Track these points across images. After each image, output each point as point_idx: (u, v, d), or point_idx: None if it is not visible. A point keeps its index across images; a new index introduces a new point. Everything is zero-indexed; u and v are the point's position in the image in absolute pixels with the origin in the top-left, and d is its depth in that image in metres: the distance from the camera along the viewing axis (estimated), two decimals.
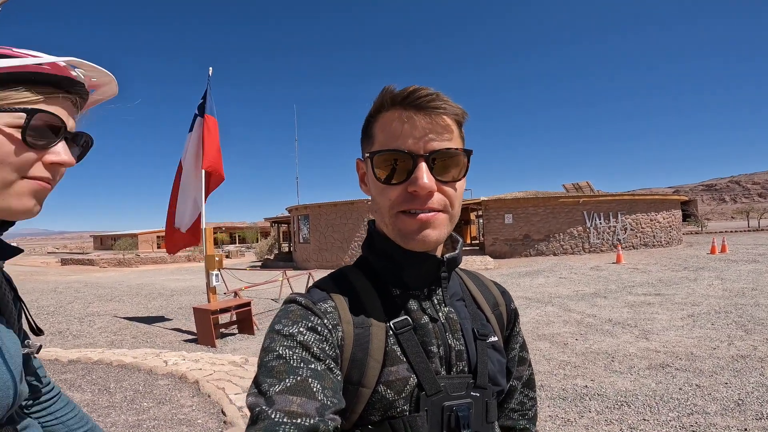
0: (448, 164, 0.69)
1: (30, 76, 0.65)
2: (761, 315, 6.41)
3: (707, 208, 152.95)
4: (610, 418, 3.46)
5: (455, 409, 0.67)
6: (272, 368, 0.60)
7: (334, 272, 0.79)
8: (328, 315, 0.69)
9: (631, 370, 4.52)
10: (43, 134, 0.65)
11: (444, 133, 0.68)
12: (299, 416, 0.54)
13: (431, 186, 0.66)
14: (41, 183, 0.66)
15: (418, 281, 0.74)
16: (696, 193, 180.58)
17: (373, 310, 0.71)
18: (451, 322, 0.74)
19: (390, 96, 0.69)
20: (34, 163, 0.65)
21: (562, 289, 9.83)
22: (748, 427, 3.18)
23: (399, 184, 0.68)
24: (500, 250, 19.04)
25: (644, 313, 7.07)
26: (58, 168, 0.68)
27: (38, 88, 0.65)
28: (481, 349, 0.75)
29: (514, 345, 0.88)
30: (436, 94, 0.68)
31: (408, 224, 0.68)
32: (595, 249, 18.83)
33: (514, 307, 0.90)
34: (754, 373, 4.21)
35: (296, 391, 0.57)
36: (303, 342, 0.63)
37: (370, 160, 0.70)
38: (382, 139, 0.70)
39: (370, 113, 0.74)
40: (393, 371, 0.67)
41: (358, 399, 0.66)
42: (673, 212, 21.27)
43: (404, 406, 0.66)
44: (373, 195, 0.74)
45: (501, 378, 0.77)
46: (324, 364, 0.63)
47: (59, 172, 0.70)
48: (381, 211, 0.71)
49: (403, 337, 0.70)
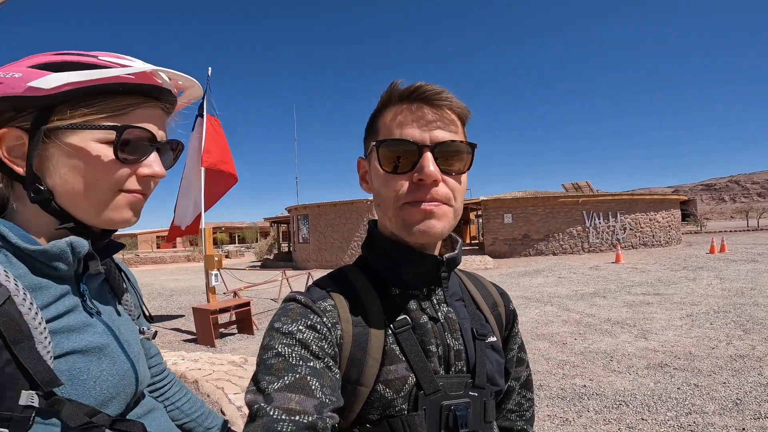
0: (453, 156, 0.69)
1: (117, 87, 0.65)
2: (760, 314, 6.42)
3: (706, 207, 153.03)
4: (608, 418, 3.47)
5: (453, 409, 0.67)
6: (271, 366, 0.61)
7: (334, 271, 0.80)
8: (327, 313, 0.69)
9: (629, 369, 4.53)
10: (135, 149, 0.67)
11: (450, 125, 0.70)
12: (297, 413, 0.55)
13: (436, 174, 0.66)
14: (136, 195, 0.69)
15: (417, 280, 0.74)
16: (695, 192, 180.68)
17: (373, 309, 0.72)
18: (450, 322, 0.75)
19: (397, 92, 0.71)
20: (129, 177, 0.67)
21: (561, 289, 9.84)
22: (746, 427, 3.19)
23: (404, 173, 0.69)
24: (500, 250, 19.05)
25: (643, 312, 7.08)
26: (151, 179, 0.71)
27: (126, 100, 0.66)
28: (480, 349, 0.75)
29: (513, 346, 0.88)
30: (442, 89, 0.70)
31: (413, 215, 0.68)
32: (595, 249, 18.85)
33: (512, 308, 0.90)
34: (753, 372, 4.22)
35: (295, 389, 0.57)
36: (302, 340, 0.64)
37: (376, 150, 0.71)
38: (388, 131, 0.71)
39: (377, 108, 0.75)
40: (392, 370, 0.68)
41: (356, 398, 0.67)
42: (672, 212, 21.29)
43: (403, 405, 0.67)
44: (376, 188, 0.74)
45: (499, 378, 0.78)
46: (323, 362, 0.63)
47: (153, 183, 0.72)
48: (385, 203, 0.71)
49: (402, 336, 0.70)
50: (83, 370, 0.65)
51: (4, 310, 0.57)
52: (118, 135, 0.64)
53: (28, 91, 0.62)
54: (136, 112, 0.67)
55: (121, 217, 0.68)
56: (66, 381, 0.62)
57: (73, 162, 0.64)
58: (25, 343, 0.58)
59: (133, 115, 0.67)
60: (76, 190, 0.65)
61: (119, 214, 0.68)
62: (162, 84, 0.69)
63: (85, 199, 0.66)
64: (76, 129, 0.64)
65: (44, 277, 0.65)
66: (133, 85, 0.66)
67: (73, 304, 0.67)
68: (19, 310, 0.58)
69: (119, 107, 0.66)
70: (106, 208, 0.67)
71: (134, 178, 0.68)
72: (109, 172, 0.65)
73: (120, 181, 0.67)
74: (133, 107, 0.67)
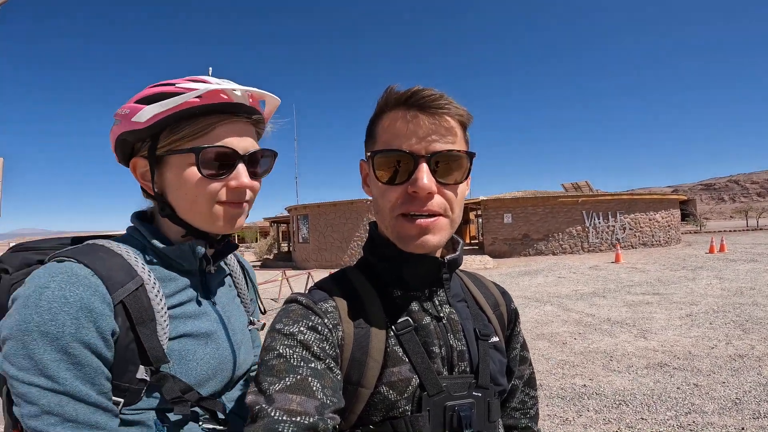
0: (450, 166, 0.68)
1: (193, 111, 0.73)
2: (759, 314, 6.42)
3: (706, 207, 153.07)
4: (608, 417, 3.47)
5: (457, 409, 0.67)
6: (272, 367, 0.61)
7: (336, 273, 0.80)
8: (328, 315, 0.69)
9: (629, 369, 4.53)
10: (217, 165, 0.75)
11: (447, 135, 0.67)
12: (299, 414, 0.55)
13: (431, 187, 0.65)
14: (232, 205, 0.77)
15: (418, 282, 0.74)
16: (695, 192, 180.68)
17: (374, 310, 0.72)
18: (452, 323, 0.75)
19: (394, 96, 0.69)
20: (220, 189, 0.76)
21: (561, 289, 9.84)
22: (746, 426, 3.19)
23: (400, 184, 0.68)
24: (499, 250, 19.05)
25: (643, 312, 7.08)
26: (242, 189, 0.77)
27: (204, 121, 0.74)
28: (482, 350, 0.75)
29: (515, 345, 0.88)
30: (440, 94, 0.67)
31: (407, 229, 0.67)
32: (594, 248, 18.86)
33: (514, 308, 0.90)
34: (752, 372, 4.23)
35: (296, 390, 0.58)
36: (303, 341, 0.64)
37: (372, 160, 0.70)
38: (384, 139, 0.70)
39: (374, 113, 0.74)
40: (395, 372, 0.67)
41: (357, 399, 0.67)
42: (671, 212, 21.30)
43: (406, 406, 0.67)
44: (374, 196, 0.74)
45: (502, 378, 0.78)
46: (324, 363, 0.63)
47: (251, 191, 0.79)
48: (382, 213, 0.71)
49: (405, 337, 0.70)
50: (191, 351, 0.76)
51: (136, 295, 0.70)
52: (196, 156, 0.74)
53: (133, 126, 0.74)
54: (216, 131, 0.75)
55: (222, 224, 0.78)
56: (175, 360, 0.73)
57: (178, 182, 0.76)
58: (148, 324, 0.70)
59: (213, 133, 0.74)
60: (186, 205, 0.77)
61: (220, 222, 0.77)
62: (233, 99, 0.75)
63: (193, 212, 0.77)
64: (171, 154, 0.75)
65: (174, 271, 0.79)
66: (204, 107, 0.73)
67: (194, 295, 0.81)
68: (148, 296, 0.71)
69: (199, 129, 0.74)
70: (209, 218, 0.77)
71: (225, 190, 0.76)
72: (202, 188, 0.75)
73: (213, 194, 0.75)
74: (212, 126, 0.74)
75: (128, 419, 0.70)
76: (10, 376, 0.62)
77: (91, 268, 0.68)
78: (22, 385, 0.62)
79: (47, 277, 0.66)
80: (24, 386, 0.62)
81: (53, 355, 0.62)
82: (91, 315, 0.65)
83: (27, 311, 0.63)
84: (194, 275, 0.83)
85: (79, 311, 0.64)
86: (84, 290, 0.65)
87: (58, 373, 0.62)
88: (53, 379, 0.62)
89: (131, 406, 0.71)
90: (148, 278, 0.72)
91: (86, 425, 0.63)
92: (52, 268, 0.67)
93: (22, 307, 0.64)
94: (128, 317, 0.69)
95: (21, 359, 0.62)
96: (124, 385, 0.69)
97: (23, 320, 0.63)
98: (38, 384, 0.62)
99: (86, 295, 0.65)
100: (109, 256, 0.72)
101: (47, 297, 0.64)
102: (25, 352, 0.62)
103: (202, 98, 0.73)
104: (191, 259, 0.79)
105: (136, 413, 0.71)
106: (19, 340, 0.62)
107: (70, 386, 0.63)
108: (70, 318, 0.64)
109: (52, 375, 0.62)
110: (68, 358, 0.63)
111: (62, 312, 0.63)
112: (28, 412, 0.61)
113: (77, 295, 0.65)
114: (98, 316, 0.66)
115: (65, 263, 0.68)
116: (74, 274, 0.66)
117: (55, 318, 0.63)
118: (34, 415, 0.61)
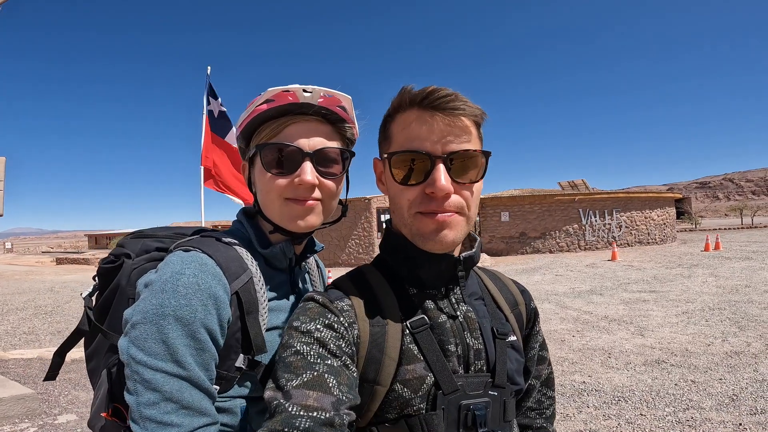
0: (467, 165, 0.69)
1: (267, 114, 0.78)
2: (754, 311, 6.48)
3: (701, 205, 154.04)
4: (608, 413, 3.50)
5: (472, 408, 0.67)
6: (290, 363, 0.62)
7: (352, 271, 0.81)
8: (344, 313, 0.70)
9: (627, 366, 4.57)
10: (285, 163, 0.78)
11: (462, 135, 0.68)
12: (315, 410, 0.56)
13: (448, 188, 0.66)
14: (299, 201, 0.79)
15: (434, 280, 0.75)
16: (690, 190, 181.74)
17: (390, 309, 0.72)
18: (469, 321, 0.75)
19: (409, 96, 0.69)
20: (288, 186, 0.78)
21: (558, 287, 9.89)
22: (743, 422, 3.23)
23: (417, 185, 0.68)
24: (497, 248, 19.10)
25: (639, 310, 7.13)
26: (308, 186, 0.78)
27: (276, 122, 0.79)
28: (500, 348, 0.75)
29: (534, 344, 0.88)
30: (455, 94, 0.67)
31: (426, 225, 0.68)
32: (591, 246, 18.94)
33: (533, 306, 0.90)
34: (748, 369, 4.27)
35: (313, 386, 0.59)
36: (320, 338, 0.65)
37: (388, 160, 0.71)
38: (400, 139, 0.70)
39: (388, 113, 0.74)
40: (410, 370, 0.68)
41: (374, 397, 0.67)
42: (667, 210, 21.42)
43: (421, 404, 0.67)
44: (391, 195, 0.74)
45: (519, 377, 0.78)
46: (340, 360, 0.64)
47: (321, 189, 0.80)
48: (399, 211, 0.72)
49: (420, 336, 0.70)
50: (276, 342, 0.78)
51: (249, 287, 0.75)
52: (259, 154, 0.79)
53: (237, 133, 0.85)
54: (286, 131, 0.78)
55: (288, 221, 0.80)
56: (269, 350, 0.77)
57: (257, 180, 0.82)
58: (254, 315, 0.74)
59: (283, 133, 0.78)
60: (263, 201, 0.81)
61: (290, 218, 0.80)
62: (299, 100, 0.77)
63: (268, 208, 0.81)
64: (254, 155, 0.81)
65: (271, 268, 0.84)
66: (273, 109, 0.77)
67: (285, 290, 0.86)
68: (255, 288, 0.76)
69: (273, 130, 0.79)
70: (280, 214, 0.80)
71: (291, 186, 0.78)
72: (270, 186, 0.78)
73: (279, 190, 0.78)
74: (283, 127, 0.78)
75: (218, 406, 0.71)
76: (137, 361, 0.63)
77: (214, 259, 0.72)
78: (148, 371, 0.62)
79: (181, 264, 0.69)
80: (150, 372, 0.62)
81: (184, 340, 0.65)
82: (216, 302, 0.69)
83: (164, 296, 0.66)
84: (285, 273, 0.88)
85: (208, 298, 0.68)
86: (212, 278, 0.69)
87: (185, 359, 0.64)
88: (180, 364, 0.64)
89: (223, 394, 0.73)
90: (255, 271, 0.77)
91: (198, 412, 0.65)
92: (183, 257, 0.71)
93: (160, 292, 0.66)
94: (240, 307, 0.73)
95: (153, 343, 0.64)
96: (223, 372, 0.72)
97: (160, 304, 0.65)
98: (165, 369, 0.63)
99: (213, 283, 0.69)
100: (226, 249, 0.76)
101: (183, 282, 0.67)
102: (160, 336, 0.64)
103: (274, 102, 0.77)
104: (282, 260, 0.85)
105: (226, 401, 0.73)
106: (153, 324, 0.64)
107: (192, 372, 0.65)
108: (201, 304, 0.67)
109: (179, 360, 0.64)
110: (194, 343, 0.66)
111: (195, 297, 0.66)
112: (147, 399, 0.62)
113: (207, 282, 0.69)
114: (221, 304, 0.69)
115: (192, 252, 0.72)
116: (204, 263, 0.70)
117: (189, 303, 0.66)
118: (153, 403, 0.62)
